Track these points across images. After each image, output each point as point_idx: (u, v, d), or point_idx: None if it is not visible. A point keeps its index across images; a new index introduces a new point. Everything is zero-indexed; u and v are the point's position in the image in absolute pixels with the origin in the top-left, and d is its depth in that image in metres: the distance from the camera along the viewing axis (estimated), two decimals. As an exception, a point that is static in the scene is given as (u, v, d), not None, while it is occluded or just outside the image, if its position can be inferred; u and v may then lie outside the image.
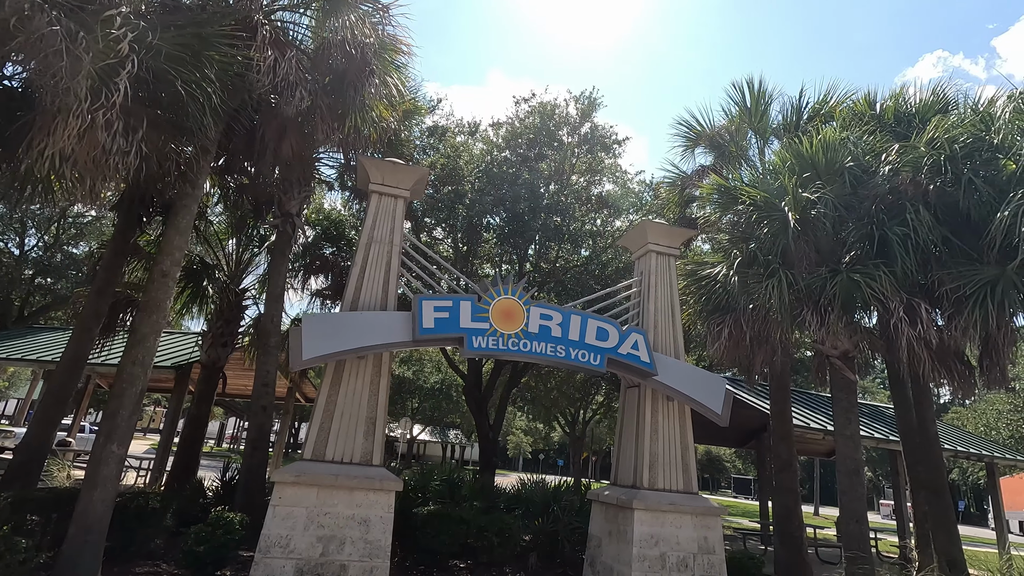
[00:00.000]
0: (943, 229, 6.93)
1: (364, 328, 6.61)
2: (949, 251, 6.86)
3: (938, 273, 6.77)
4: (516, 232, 11.06)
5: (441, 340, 6.74)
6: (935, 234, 6.65)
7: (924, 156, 6.79)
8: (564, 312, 7.19)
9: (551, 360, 7.03)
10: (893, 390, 10.37)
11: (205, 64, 5.07)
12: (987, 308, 6.15)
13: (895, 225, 6.80)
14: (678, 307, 8.55)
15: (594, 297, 8.85)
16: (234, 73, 6.05)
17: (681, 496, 7.50)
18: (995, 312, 6.16)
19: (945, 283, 6.65)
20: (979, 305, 6.24)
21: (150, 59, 4.63)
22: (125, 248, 9.19)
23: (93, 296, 8.78)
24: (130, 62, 4.25)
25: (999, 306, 6.17)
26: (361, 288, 7.16)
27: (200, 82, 5.04)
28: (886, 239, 6.88)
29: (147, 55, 4.54)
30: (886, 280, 6.56)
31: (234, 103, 7.33)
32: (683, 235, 8.90)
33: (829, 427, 12.42)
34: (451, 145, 11.50)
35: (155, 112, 5.40)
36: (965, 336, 6.54)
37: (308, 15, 7.82)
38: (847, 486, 7.70)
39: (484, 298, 6.91)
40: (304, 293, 13.30)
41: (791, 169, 7.98)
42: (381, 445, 6.65)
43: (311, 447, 6.45)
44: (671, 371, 7.72)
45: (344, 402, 6.68)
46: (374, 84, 7.32)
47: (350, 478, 6.20)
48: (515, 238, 11.34)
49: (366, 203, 8.01)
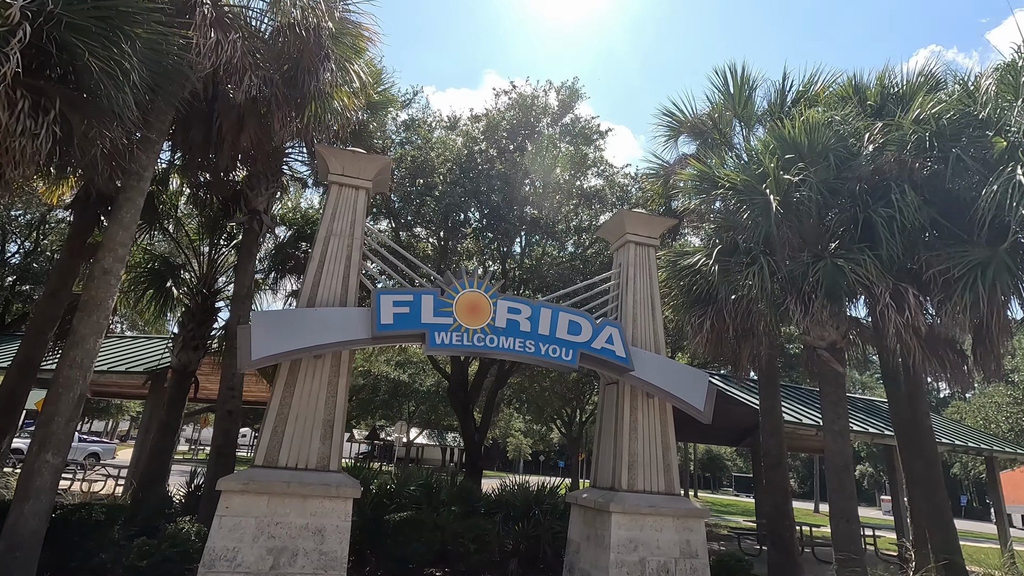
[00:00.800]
0: (931, 211, 6.57)
1: (320, 325, 6.22)
2: (938, 234, 6.49)
3: (926, 256, 6.40)
4: (491, 226, 10.67)
5: (401, 337, 6.37)
6: (922, 215, 6.28)
7: (909, 133, 6.42)
8: (534, 305, 6.81)
9: (519, 356, 6.65)
10: (886, 383, 10.00)
11: (123, 39, 4.69)
12: (978, 291, 5.78)
13: (880, 207, 6.42)
14: (658, 300, 8.18)
15: (570, 290, 8.49)
16: (170, 55, 5.67)
17: (662, 498, 7.12)
18: (986, 296, 5.79)
19: (933, 265, 6.27)
20: (969, 288, 5.87)
21: (55, 30, 4.25)
22: (82, 250, 8.80)
23: (46, 299, 8.41)
24: (22, 31, 3.88)
25: (990, 289, 5.79)
26: (319, 284, 6.78)
27: (117, 58, 4.67)
28: (871, 222, 6.51)
29: (48, 25, 4.17)
30: (871, 265, 6.19)
31: (182, 91, 6.97)
32: (663, 224, 8.53)
33: (822, 423, 12.03)
34: (423, 137, 11.13)
35: (71, 92, 5.02)
36: (955, 322, 6.17)
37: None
38: (836, 483, 7.33)
39: (448, 292, 6.53)
40: (281, 294, 12.94)
41: (773, 153, 7.61)
42: (339, 449, 6.27)
43: (263, 452, 6.06)
44: (650, 366, 7.35)
45: (299, 404, 6.29)
46: (330, 69, 6.96)
47: (304, 485, 5.82)
48: (491, 232, 10.95)
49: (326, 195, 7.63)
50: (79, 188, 8.86)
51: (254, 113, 7.75)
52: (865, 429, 12.63)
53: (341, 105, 8.21)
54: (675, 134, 11.12)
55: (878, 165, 6.66)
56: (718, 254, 7.62)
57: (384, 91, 10.62)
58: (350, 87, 8.28)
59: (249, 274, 9.87)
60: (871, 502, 54.81)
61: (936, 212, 6.60)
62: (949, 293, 6.16)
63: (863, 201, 6.75)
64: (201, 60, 5.88)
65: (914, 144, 6.39)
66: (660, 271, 9.25)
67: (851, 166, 6.84)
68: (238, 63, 6.26)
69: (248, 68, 6.46)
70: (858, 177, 6.82)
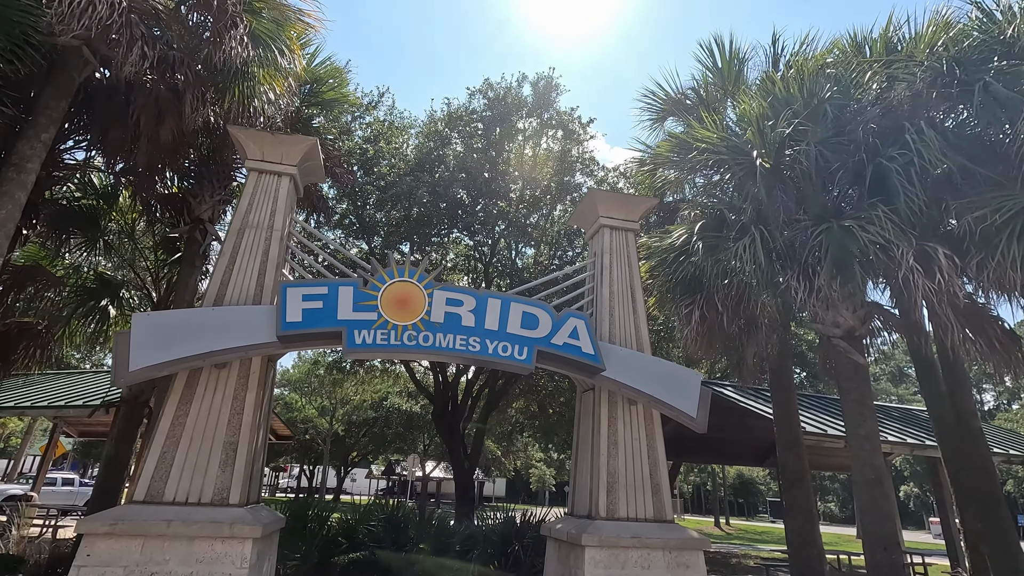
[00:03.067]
0: (959, 157, 5.34)
1: (217, 328, 5.19)
2: (968, 182, 5.25)
3: (955, 204, 5.15)
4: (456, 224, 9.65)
5: (314, 337, 5.29)
6: (949, 160, 5.06)
7: (924, 61, 5.25)
8: (479, 296, 5.70)
9: (461, 356, 5.51)
10: (922, 382, 8.52)
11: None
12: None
13: (894, 151, 5.23)
14: (639, 290, 7.00)
15: (538, 283, 7.35)
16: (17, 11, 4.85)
17: (650, 526, 5.81)
18: None
19: (965, 214, 5.00)
20: (1017, 238, 4.60)
21: None
22: None
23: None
24: None
25: None
26: (228, 282, 5.79)
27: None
28: (883, 173, 5.30)
29: None
30: (886, 221, 4.97)
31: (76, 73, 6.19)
32: (642, 205, 7.39)
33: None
34: (376, 130, 10.27)
35: None
36: (1002, 287, 4.87)
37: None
38: (868, 502, 5.92)
39: (372, 282, 5.47)
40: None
41: (764, 115, 6.49)
42: (244, 478, 5.14)
43: (145, 485, 4.97)
44: (628, 366, 6.14)
45: (195, 423, 5.22)
46: (242, 42, 6.09)
47: (189, 524, 4.69)
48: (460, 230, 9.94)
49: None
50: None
51: (174, 103, 6.95)
52: (902, 440, 10.99)
53: (274, 93, 7.37)
54: (661, 117, 10.06)
55: (886, 105, 5.50)
56: (702, 230, 6.44)
57: (337, 87, 9.82)
58: (282, 74, 7.47)
59: (191, 288, 8.98)
60: (919, 525, 51.03)
61: (964, 158, 5.36)
62: (991, 250, 4.88)
63: (872, 150, 5.56)
64: (66, 24, 5.05)
65: (929, 75, 5.22)
66: (647, 261, 8.09)
67: (854, 114, 5.68)
68: (122, 31, 5.42)
69: (139, 38, 5.62)
70: (863, 123, 5.63)
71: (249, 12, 6.71)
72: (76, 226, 9.60)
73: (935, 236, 5.34)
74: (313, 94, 9.69)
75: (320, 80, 9.75)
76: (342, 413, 39.20)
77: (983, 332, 5.54)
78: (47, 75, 6.20)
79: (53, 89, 6.12)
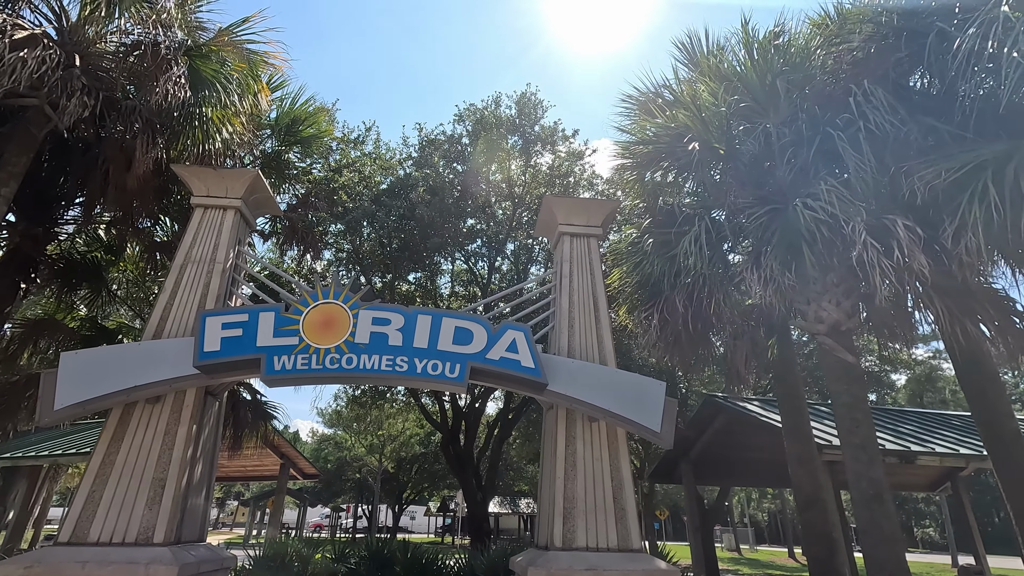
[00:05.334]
0: (927, 118, 4.67)
1: (143, 362, 5.17)
2: (938, 144, 4.55)
3: (904, 167, 4.43)
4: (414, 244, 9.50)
5: (233, 365, 5.15)
6: (914, 123, 4.40)
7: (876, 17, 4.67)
8: (408, 313, 5.44)
9: (388, 378, 5.21)
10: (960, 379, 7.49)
11: None
12: (989, 199, 3.75)
13: (836, 118, 4.63)
14: (602, 299, 6.55)
15: (495, 298, 7.01)
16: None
17: (610, 556, 5.23)
18: (1008, 205, 3.75)
19: (914, 174, 4.26)
20: (978, 198, 3.86)
21: None
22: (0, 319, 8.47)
23: None
24: None
25: (1014, 194, 3.76)
26: (168, 316, 5.81)
27: None
28: (830, 143, 4.69)
29: None
30: (832, 196, 4.35)
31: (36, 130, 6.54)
32: (603, 209, 6.97)
33: (887, 444, 9.38)
34: (344, 162, 10.36)
35: None
36: (969, 254, 4.09)
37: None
38: (867, 521, 5.09)
39: (295, 306, 5.32)
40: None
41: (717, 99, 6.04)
42: (171, 515, 4.99)
43: (71, 526, 4.91)
44: (582, 379, 5.67)
45: (126, 461, 5.16)
46: (176, 83, 6.26)
47: (105, 565, 4.57)
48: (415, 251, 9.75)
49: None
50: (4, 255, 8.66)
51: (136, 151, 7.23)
52: (931, 448, 9.56)
53: (229, 132, 7.55)
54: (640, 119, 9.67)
55: (831, 70, 4.92)
56: (651, 226, 5.95)
57: (315, 125, 10.03)
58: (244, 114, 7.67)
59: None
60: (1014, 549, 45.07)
61: (934, 119, 4.69)
62: (951, 214, 4.13)
63: (819, 120, 4.96)
64: (0, 80, 5.31)
65: (871, 28, 4.61)
66: (618, 267, 7.61)
67: (800, 85, 5.13)
68: (56, 83, 5.67)
69: (77, 89, 5.87)
70: (813, 94, 5.07)
71: (197, 56, 6.94)
72: (82, 278, 10.09)
73: (898, 208, 4.63)
74: (291, 133, 9.93)
75: (298, 120, 10.00)
76: (390, 450, 39.31)
77: (978, 311, 4.70)
78: (10, 133, 6.58)
79: (14, 145, 6.47)
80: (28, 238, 8.62)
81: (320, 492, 50.48)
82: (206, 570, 5.21)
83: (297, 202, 10.52)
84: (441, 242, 9.58)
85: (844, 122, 4.61)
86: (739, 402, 11.85)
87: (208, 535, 5.86)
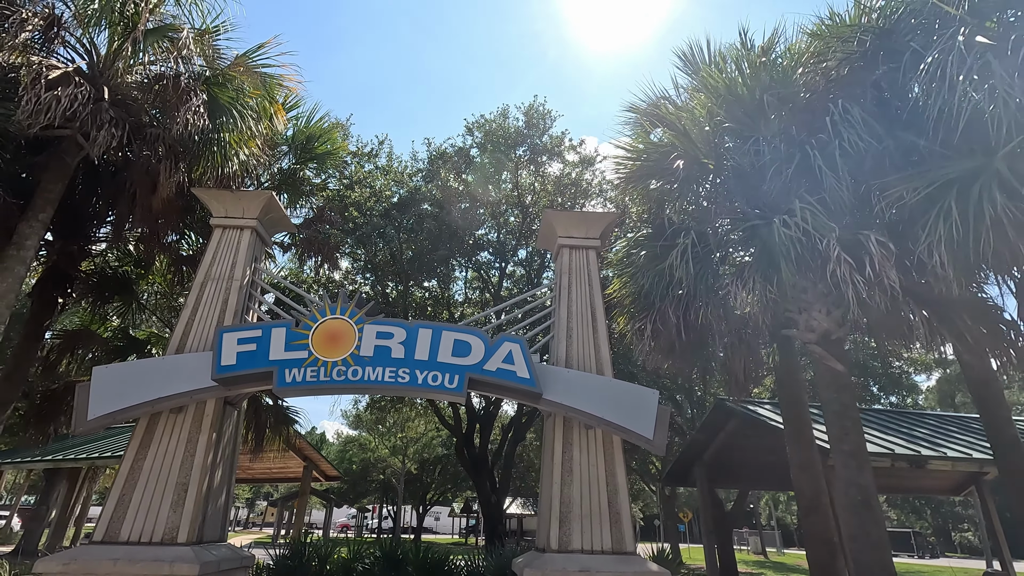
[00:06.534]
0: (907, 134, 4.79)
1: (168, 375, 5.60)
2: (918, 158, 4.65)
3: (876, 184, 4.55)
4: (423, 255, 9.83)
5: (248, 378, 5.53)
6: (880, 138, 4.52)
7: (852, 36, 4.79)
8: (410, 327, 5.75)
9: (390, 388, 5.54)
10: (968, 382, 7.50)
11: None
12: (952, 218, 3.87)
13: (811, 136, 4.77)
14: (600, 309, 6.76)
15: (502, 307, 7.27)
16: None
17: (604, 559, 5.45)
18: (971, 221, 3.85)
19: (891, 193, 4.37)
20: (943, 216, 3.97)
21: None
22: (39, 332, 9.07)
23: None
24: None
25: (977, 211, 3.86)
26: (190, 332, 6.24)
27: None
28: (807, 161, 4.83)
29: None
30: (806, 212, 4.50)
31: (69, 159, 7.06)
32: (601, 221, 7.20)
33: (897, 449, 9.38)
34: (354, 176, 10.77)
35: None
36: (944, 268, 4.17)
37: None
38: (855, 527, 5.21)
39: (305, 322, 5.69)
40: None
41: (709, 114, 6.23)
42: (193, 517, 5.39)
43: (104, 526, 5.34)
44: (577, 388, 5.91)
45: (152, 466, 5.59)
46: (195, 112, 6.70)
47: (134, 562, 4.98)
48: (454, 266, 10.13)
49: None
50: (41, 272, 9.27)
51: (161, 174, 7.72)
52: (943, 452, 9.45)
53: (246, 154, 8.00)
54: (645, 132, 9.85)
55: (812, 87, 5.05)
56: (644, 239, 6.15)
57: (329, 142, 10.47)
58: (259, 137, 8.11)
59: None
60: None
61: (915, 135, 4.80)
62: (918, 231, 4.23)
63: (800, 137, 5.10)
64: (34, 119, 5.80)
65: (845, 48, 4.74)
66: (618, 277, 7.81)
67: (784, 102, 5.28)
68: (87, 118, 6.15)
69: (106, 122, 6.35)
70: (795, 111, 5.22)
71: (215, 84, 7.39)
72: (114, 291, 10.71)
73: (873, 224, 4.74)
74: (306, 150, 10.38)
75: (313, 137, 10.46)
76: (412, 452, 39.91)
77: (954, 322, 4.77)
78: (46, 161, 7.11)
79: (50, 174, 6.99)
80: (64, 256, 9.23)
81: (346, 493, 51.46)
82: (226, 568, 5.60)
83: (314, 216, 10.97)
84: (448, 253, 9.91)
85: (821, 140, 4.76)
86: (749, 406, 11.90)
87: (238, 535, 6.26)
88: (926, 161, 4.48)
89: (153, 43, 6.66)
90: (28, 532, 16.77)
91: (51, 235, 9.27)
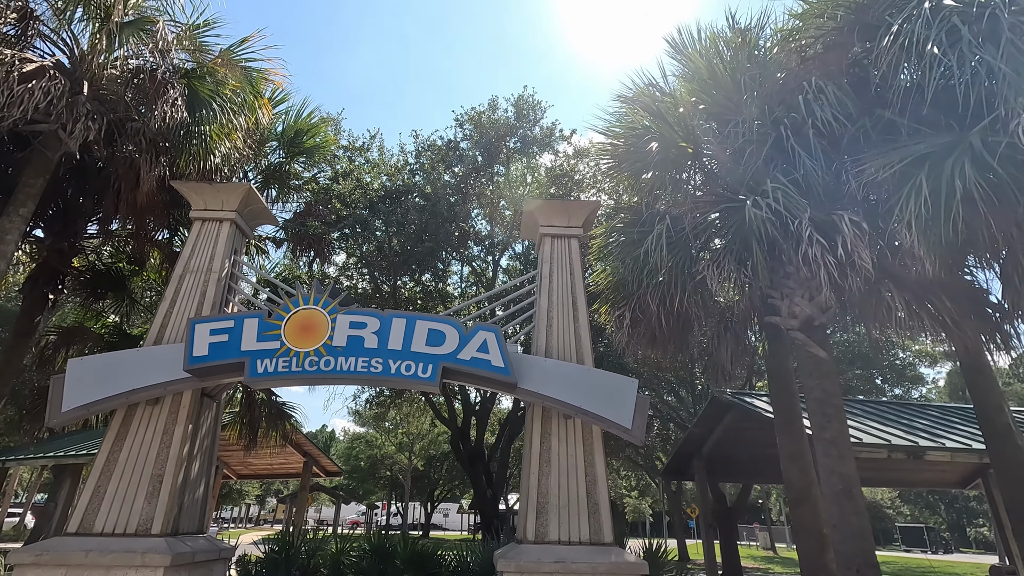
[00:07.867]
0: (886, 112, 4.64)
1: (142, 367, 5.59)
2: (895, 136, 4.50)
3: (847, 161, 4.41)
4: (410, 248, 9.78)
5: (220, 369, 5.51)
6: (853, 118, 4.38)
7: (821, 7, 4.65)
8: (383, 316, 5.70)
9: (363, 378, 5.49)
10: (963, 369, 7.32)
11: None
12: (923, 195, 3.72)
13: (784, 115, 4.64)
14: (581, 298, 6.68)
15: (482, 298, 7.21)
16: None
17: (579, 550, 5.38)
18: (943, 198, 3.70)
19: (862, 170, 4.22)
20: (914, 193, 3.83)
21: None
22: (30, 328, 9.13)
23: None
24: None
25: (949, 187, 3.70)
26: (167, 324, 6.23)
27: None
28: (781, 140, 4.71)
29: None
30: (779, 194, 4.37)
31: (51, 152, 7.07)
32: (583, 210, 7.10)
33: (894, 440, 9.21)
34: (344, 169, 10.74)
35: None
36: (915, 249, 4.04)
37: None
38: (837, 516, 5.09)
39: (277, 312, 5.66)
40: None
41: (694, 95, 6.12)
42: (170, 509, 5.38)
43: (79, 518, 5.36)
44: (554, 377, 5.84)
45: (128, 458, 5.59)
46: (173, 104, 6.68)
47: (106, 553, 4.98)
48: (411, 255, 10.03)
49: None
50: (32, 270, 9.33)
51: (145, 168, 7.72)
52: (941, 443, 9.24)
53: (228, 147, 7.99)
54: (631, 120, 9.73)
55: (788, 67, 4.92)
56: (621, 226, 6.05)
57: (317, 135, 10.44)
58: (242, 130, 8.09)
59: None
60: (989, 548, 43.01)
61: (895, 113, 4.65)
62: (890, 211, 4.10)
63: (776, 118, 4.97)
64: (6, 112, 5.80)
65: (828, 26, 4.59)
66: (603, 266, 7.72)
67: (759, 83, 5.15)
68: (63, 111, 6.15)
69: (82, 115, 6.35)
70: (771, 92, 5.09)
71: (195, 78, 7.38)
72: (107, 288, 10.76)
73: (850, 205, 4.60)
74: (295, 144, 10.36)
75: (301, 131, 10.43)
76: (419, 448, 40.02)
77: (926, 306, 4.62)
78: (28, 156, 7.13)
79: (32, 168, 7.00)
80: (54, 252, 9.28)
81: (355, 489, 51.78)
82: (202, 559, 5.59)
83: (303, 210, 10.96)
84: (434, 245, 9.88)
85: (794, 120, 4.62)
86: (746, 398, 11.75)
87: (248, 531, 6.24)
88: (903, 140, 4.34)
89: (130, 36, 6.64)
90: (36, 528, 17.00)
91: (41, 232, 9.34)
